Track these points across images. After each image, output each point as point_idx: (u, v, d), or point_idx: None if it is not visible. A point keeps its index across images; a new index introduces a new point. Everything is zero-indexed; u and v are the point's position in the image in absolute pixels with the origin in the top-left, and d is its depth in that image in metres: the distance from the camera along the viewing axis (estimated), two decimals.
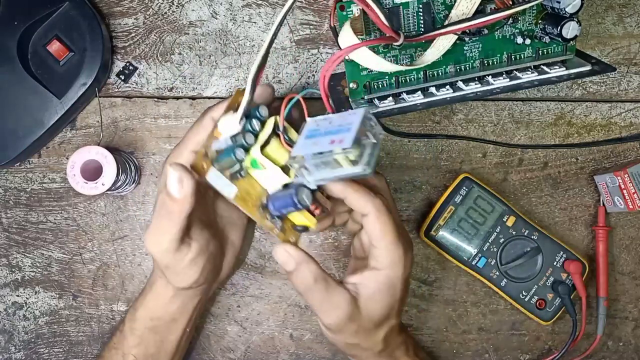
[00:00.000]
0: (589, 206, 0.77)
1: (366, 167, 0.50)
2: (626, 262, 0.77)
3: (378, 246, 0.58)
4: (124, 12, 0.73)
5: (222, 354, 0.76)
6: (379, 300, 0.59)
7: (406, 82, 0.61)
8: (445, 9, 0.58)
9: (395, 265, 0.59)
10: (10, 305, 0.75)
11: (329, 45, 0.74)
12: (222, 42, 0.74)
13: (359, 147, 0.50)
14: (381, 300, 0.59)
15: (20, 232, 0.75)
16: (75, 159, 0.68)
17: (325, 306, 0.58)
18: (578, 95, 0.76)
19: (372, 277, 0.59)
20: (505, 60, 0.61)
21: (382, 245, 0.58)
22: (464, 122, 0.75)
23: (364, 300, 0.59)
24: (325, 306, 0.58)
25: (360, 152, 0.50)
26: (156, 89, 0.74)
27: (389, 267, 0.59)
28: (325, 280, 0.58)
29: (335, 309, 0.58)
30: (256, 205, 0.57)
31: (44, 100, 0.69)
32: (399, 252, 0.58)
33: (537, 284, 0.74)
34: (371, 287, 0.59)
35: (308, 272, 0.57)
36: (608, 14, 0.75)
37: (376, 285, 0.59)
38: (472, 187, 0.73)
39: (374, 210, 0.57)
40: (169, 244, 0.56)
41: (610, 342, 0.78)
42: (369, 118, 0.51)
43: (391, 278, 0.59)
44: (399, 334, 0.65)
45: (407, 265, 0.60)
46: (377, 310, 0.60)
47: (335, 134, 0.51)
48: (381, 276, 0.59)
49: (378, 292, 0.59)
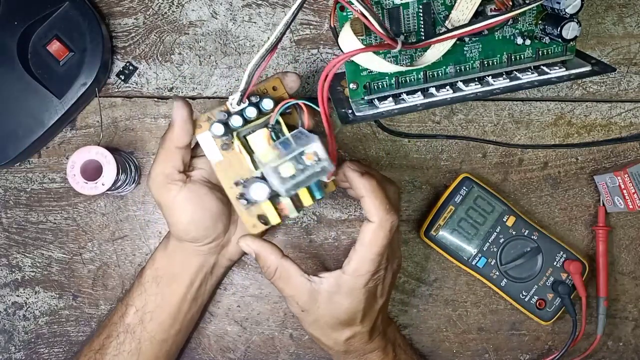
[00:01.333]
0: (589, 206, 0.77)
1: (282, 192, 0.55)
2: (626, 262, 0.77)
3: (357, 251, 0.60)
4: (124, 12, 0.73)
5: (222, 354, 0.76)
6: (338, 302, 0.61)
7: (406, 83, 0.61)
8: (445, 9, 0.58)
9: (357, 273, 0.60)
10: (10, 305, 0.75)
11: (329, 45, 0.74)
12: (222, 42, 0.74)
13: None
14: (340, 302, 0.61)
15: (20, 232, 0.75)
16: (75, 159, 0.68)
17: (287, 293, 0.63)
18: (578, 95, 0.76)
19: (336, 277, 0.61)
20: (505, 60, 0.61)
21: (360, 253, 0.60)
22: (464, 122, 0.75)
23: (323, 295, 0.61)
24: (287, 293, 0.63)
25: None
26: (156, 89, 0.74)
27: (351, 274, 0.60)
28: (286, 270, 0.62)
29: (294, 296, 0.62)
30: (232, 179, 0.61)
31: (44, 100, 0.69)
32: (368, 266, 0.60)
33: (537, 284, 0.74)
34: (332, 286, 0.61)
35: (268, 261, 0.62)
36: (608, 14, 0.75)
37: (336, 286, 0.61)
38: (472, 187, 0.73)
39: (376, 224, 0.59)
40: (161, 177, 0.61)
41: (610, 342, 0.78)
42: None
43: (351, 285, 0.61)
44: (368, 342, 0.66)
45: (373, 278, 0.61)
46: (337, 311, 0.62)
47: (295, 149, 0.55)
48: (343, 279, 0.61)
49: (337, 293, 0.61)
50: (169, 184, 0.61)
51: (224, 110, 0.58)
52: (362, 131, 0.75)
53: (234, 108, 0.58)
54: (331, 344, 0.65)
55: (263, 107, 0.58)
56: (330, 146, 0.57)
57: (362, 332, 0.64)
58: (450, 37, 0.56)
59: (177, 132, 0.59)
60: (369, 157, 0.75)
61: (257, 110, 0.58)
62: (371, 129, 0.75)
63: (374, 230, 0.59)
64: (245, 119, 0.58)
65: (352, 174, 0.60)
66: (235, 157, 0.60)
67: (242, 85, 0.56)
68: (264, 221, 0.61)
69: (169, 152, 0.61)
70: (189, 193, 0.62)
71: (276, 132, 0.59)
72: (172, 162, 0.61)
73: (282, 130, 0.59)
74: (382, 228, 0.59)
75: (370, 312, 0.64)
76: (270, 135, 0.58)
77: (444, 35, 0.56)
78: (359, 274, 0.60)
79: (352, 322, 0.63)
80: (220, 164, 0.60)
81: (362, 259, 0.60)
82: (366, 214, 0.60)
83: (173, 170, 0.61)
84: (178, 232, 0.64)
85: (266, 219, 0.61)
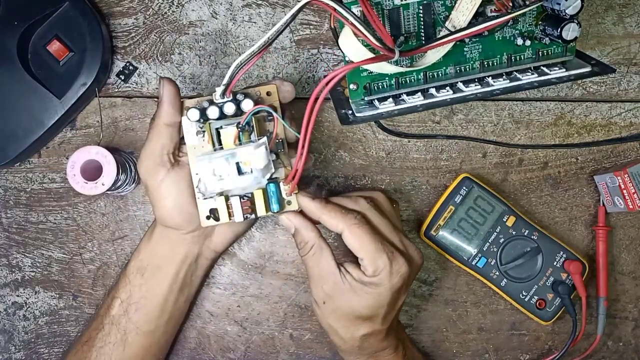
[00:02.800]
0: (589, 206, 0.77)
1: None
2: (626, 262, 0.77)
3: (361, 257, 0.61)
4: (124, 12, 0.73)
5: (222, 354, 0.76)
6: (363, 298, 0.62)
7: (406, 84, 0.61)
8: (445, 10, 0.58)
9: (379, 273, 0.61)
10: (10, 305, 0.75)
11: (329, 45, 0.74)
12: (222, 42, 0.74)
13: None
14: (365, 299, 0.62)
15: (20, 232, 0.75)
16: (75, 159, 0.68)
17: (315, 272, 0.63)
18: (578, 95, 0.76)
19: (360, 276, 0.62)
20: (505, 61, 0.61)
21: (363, 256, 0.61)
22: (464, 122, 0.75)
23: (348, 286, 0.62)
24: (315, 272, 0.63)
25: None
26: (156, 89, 0.74)
27: (373, 276, 0.61)
28: (321, 249, 0.63)
29: (321, 279, 0.63)
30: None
31: (44, 100, 0.69)
32: (382, 261, 0.61)
33: (537, 284, 0.74)
34: (358, 283, 0.62)
35: (306, 237, 0.63)
36: (608, 14, 0.75)
37: (361, 284, 0.62)
38: (472, 187, 0.73)
39: (345, 228, 0.61)
40: (150, 159, 0.62)
41: (610, 342, 0.78)
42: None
43: (376, 284, 0.62)
44: (383, 340, 0.66)
45: (394, 272, 0.61)
46: (359, 306, 0.62)
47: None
48: (366, 279, 0.62)
49: (362, 290, 0.62)
50: (158, 165, 0.62)
51: (209, 99, 0.60)
52: (362, 131, 0.75)
53: (217, 100, 0.59)
54: (347, 337, 0.64)
55: (242, 107, 0.59)
56: (296, 164, 0.58)
57: (381, 330, 0.64)
58: (448, 41, 0.56)
59: (165, 109, 0.60)
60: (369, 157, 0.75)
61: (235, 107, 0.59)
62: (371, 129, 0.75)
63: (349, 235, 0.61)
64: (222, 113, 0.59)
65: (302, 199, 0.62)
66: (208, 146, 0.61)
67: (225, 79, 0.57)
68: (214, 216, 0.62)
69: (158, 131, 0.61)
70: (176, 176, 0.62)
71: (249, 134, 0.60)
72: (161, 141, 0.61)
73: (254, 132, 0.60)
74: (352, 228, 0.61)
75: (391, 312, 0.64)
76: (238, 135, 0.59)
77: (441, 40, 0.56)
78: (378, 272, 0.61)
79: (373, 319, 0.63)
80: (193, 148, 0.61)
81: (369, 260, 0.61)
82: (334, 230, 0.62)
83: (162, 150, 0.62)
84: (162, 216, 0.64)
85: (217, 215, 0.62)
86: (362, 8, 0.54)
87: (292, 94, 0.62)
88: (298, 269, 0.76)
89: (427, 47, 0.57)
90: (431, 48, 0.57)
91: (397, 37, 0.58)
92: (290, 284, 0.76)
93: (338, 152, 0.75)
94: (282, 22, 0.52)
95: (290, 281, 0.76)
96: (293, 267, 0.76)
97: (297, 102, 0.74)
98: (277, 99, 0.61)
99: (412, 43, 0.59)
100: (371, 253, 0.61)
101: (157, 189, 0.63)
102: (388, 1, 0.57)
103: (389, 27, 0.58)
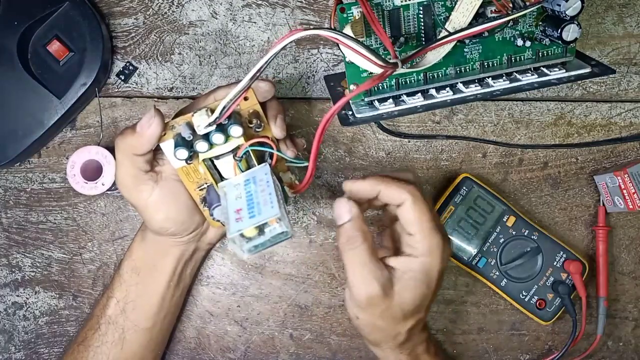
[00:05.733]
0: (589, 206, 0.77)
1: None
2: (626, 262, 0.77)
3: (414, 233, 0.58)
4: (124, 12, 0.73)
5: (222, 354, 0.76)
6: (414, 289, 0.58)
7: (406, 84, 0.61)
8: (445, 10, 0.58)
9: (432, 253, 0.58)
10: (10, 305, 0.75)
11: (329, 45, 0.74)
12: (222, 42, 0.74)
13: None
14: (415, 289, 0.58)
15: (20, 232, 0.75)
16: (75, 159, 0.68)
17: (363, 273, 0.57)
18: (578, 96, 0.76)
19: (409, 264, 0.58)
20: (505, 62, 0.61)
21: (418, 231, 0.57)
22: (464, 122, 0.75)
23: (399, 285, 0.58)
24: (363, 273, 0.57)
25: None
26: (156, 89, 0.74)
27: (425, 255, 0.58)
28: (373, 248, 0.58)
29: (371, 281, 0.57)
30: (196, 183, 0.62)
31: (44, 100, 0.69)
32: (437, 239, 0.58)
33: (537, 284, 0.74)
34: (407, 274, 0.58)
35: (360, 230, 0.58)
36: (608, 14, 0.75)
37: (412, 273, 0.58)
38: (472, 187, 0.73)
39: (410, 197, 0.57)
40: (129, 179, 0.60)
41: (610, 342, 0.78)
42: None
43: (427, 267, 0.58)
44: (422, 331, 0.63)
45: (444, 257, 0.58)
46: (410, 299, 0.58)
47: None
48: (417, 264, 0.58)
49: (413, 279, 0.58)
50: (140, 185, 0.60)
51: (190, 125, 0.57)
52: (362, 131, 0.75)
53: (201, 131, 0.56)
54: (394, 333, 0.60)
55: (231, 134, 0.56)
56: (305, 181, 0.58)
57: (423, 319, 0.61)
58: (448, 41, 0.56)
59: (141, 143, 0.57)
60: (369, 157, 0.75)
61: (224, 137, 0.56)
62: (371, 130, 0.75)
63: (412, 205, 0.57)
64: (210, 144, 0.57)
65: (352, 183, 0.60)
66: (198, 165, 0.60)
67: (215, 114, 0.55)
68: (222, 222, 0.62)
69: (128, 157, 0.59)
70: (162, 191, 0.61)
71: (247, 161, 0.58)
72: (135, 164, 0.59)
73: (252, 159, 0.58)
74: (416, 198, 0.57)
75: (434, 298, 0.61)
76: (237, 166, 0.58)
77: (441, 41, 0.56)
78: (432, 251, 0.57)
79: (420, 309, 0.60)
80: (183, 169, 0.60)
81: (424, 236, 0.57)
82: (394, 202, 0.58)
83: (138, 171, 0.59)
84: (156, 230, 0.63)
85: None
86: (362, 9, 0.54)
87: (272, 92, 0.60)
88: (298, 269, 0.76)
89: (427, 49, 0.57)
90: (431, 49, 0.57)
91: (397, 38, 0.58)
92: (290, 284, 0.76)
93: (338, 152, 0.75)
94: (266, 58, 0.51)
95: (290, 281, 0.76)
96: (293, 267, 0.76)
97: (297, 103, 0.74)
98: (256, 102, 0.59)
99: (412, 44, 0.59)
100: (428, 230, 0.57)
101: (145, 208, 0.61)
102: (388, 2, 0.57)
103: (389, 29, 0.58)
